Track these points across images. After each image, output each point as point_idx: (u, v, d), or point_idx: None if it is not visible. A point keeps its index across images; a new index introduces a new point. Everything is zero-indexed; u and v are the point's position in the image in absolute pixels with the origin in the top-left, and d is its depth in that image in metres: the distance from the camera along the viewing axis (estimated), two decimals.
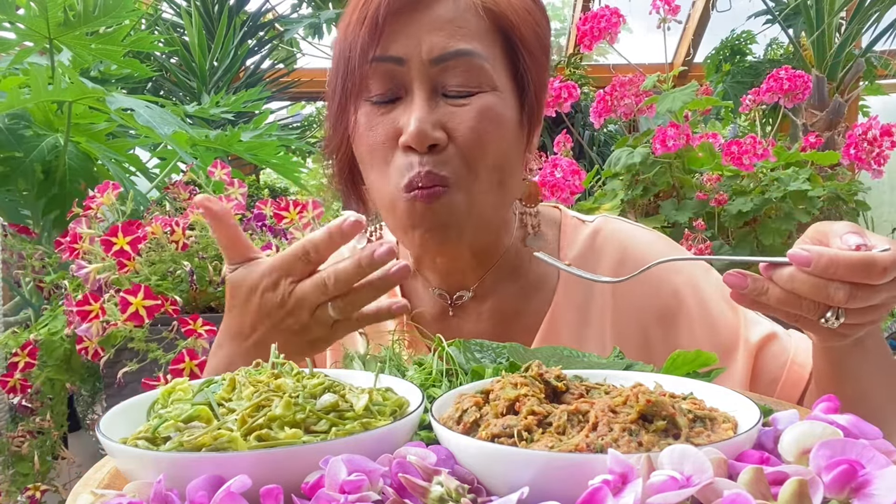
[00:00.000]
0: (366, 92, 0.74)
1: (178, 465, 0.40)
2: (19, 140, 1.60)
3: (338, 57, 0.75)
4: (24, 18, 1.61)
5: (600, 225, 0.88)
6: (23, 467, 1.35)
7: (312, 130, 4.54)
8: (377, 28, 0.71)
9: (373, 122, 0.74)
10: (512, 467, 0.39)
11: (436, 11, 0.72)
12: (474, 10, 0.74)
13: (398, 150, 0.73)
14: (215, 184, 1.57)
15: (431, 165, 0.71)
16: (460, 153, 0.72)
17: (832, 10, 2.65)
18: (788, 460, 0.41)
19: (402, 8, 0.72)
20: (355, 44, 0.72)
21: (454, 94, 0.73)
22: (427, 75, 0.72)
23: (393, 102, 0.74)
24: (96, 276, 1.30)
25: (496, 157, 0.75)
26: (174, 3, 3.67)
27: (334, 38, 0.82)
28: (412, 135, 0.70)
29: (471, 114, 0.73)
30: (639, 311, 0.84)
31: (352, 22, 0.73)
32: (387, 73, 0.73)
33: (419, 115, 0.71)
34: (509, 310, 0.86)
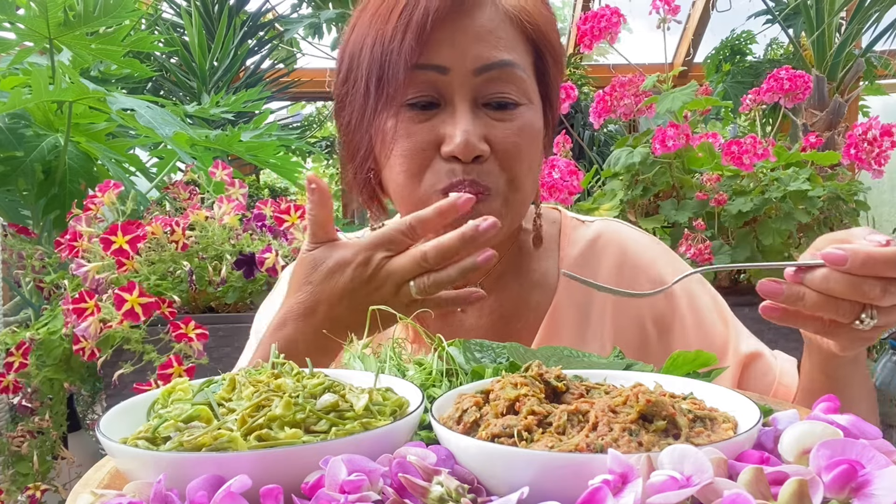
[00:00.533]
0: (402, 97, 0.73)
1: (178, 465, 0.40)
2: (19, 140, 1.60)
3: (368, 62, 0.73)
4: (24, 18, 1.61)
5: (601, 228, 0.90)
6: (23, 467, 1.35)
7: (312, 130, 4.54)
8: (423, 35, 0.70)
9: (411, 129, 0.73)
10: (512, 467, 0.39)
11: (478, 20, 0.72)
12: (510, 19, 0.74)
13: (437, 158, 0.73)
14: (216, 184, 1.57)
15: (475, 175, 0.72)
16: (501, 166, 0.74)
17: (832, 10, 2.65)
18: (788, 460, 0.41)
19: (447, 15, 0.71)
20: (397, 49, 0.70)
21: (494, 104, 0.73)
22: (470, 85, 0.72)
23: (431, 109, 0.73)
24: (95, 275, 1.30)
25: (530, 169, 0.77)
26: (174, 3, 3.67)
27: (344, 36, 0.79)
28: (459, 146, 0.70)
29: (512, 129, 0.73)
30: (637, 313, 0.85)
31: (388, 28, 0.71)
32: (428, 81, 0.72)
33: (466, 127, 0.71)
34: (511, 306, 0.86)
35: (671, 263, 0.89)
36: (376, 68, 0.72)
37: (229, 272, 1.36)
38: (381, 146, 0.75)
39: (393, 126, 0.73)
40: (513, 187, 0.75)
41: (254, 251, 1.40)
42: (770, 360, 0.84)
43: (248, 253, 1.39)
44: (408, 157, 0.74)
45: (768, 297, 0.60)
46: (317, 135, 4.52)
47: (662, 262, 0.88)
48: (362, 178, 0.80)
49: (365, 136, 0.77)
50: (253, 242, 1.44)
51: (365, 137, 0.77)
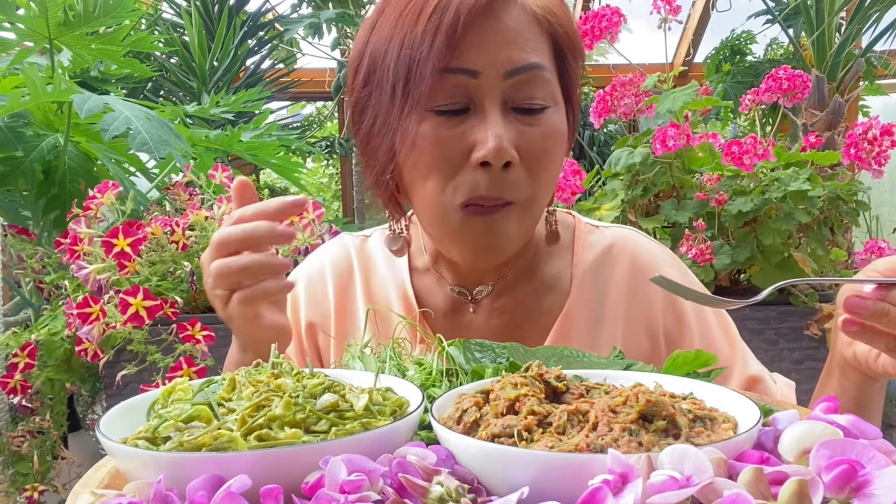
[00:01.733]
0: (431, 102, 0.71)
1: (178, 465, 0.40)
2: (19, 140, 1.60)
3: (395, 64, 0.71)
4: (24, 18, 1.61)
5: (616, 235, 0.90)
6: (23, 467, 1.35)
7: (312, 130, 4.54)
8: (454, 38, 0.68)
9: (441, 134, 0.71)
10: (512, 467, 0.39)
11: (505, 22, 0.71)
12: (536, 20, 0.73)
13: (465, 167, 0.72)
14: (216, 186, 1.57)
15: (499, 187, 0.71)
16: (527, 172, 0.73)
17: (832, 10, 2.65)
18: (788, 460, 0.41)
19: (477, 17, 0.69)
20: (427, 52, 0.69)
21: (524, 108, 0.72)
22: (500, 88, 0.71)
23: (461, 115, 0.72)
24: (96, 277, 1.30)
25: (554, 174, 0.77)
26: (174, 3, 3.67)
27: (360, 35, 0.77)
28: (492, 151, 0.69)
29: (540, 134, 0.73)
30: (648, 324, 0.86)
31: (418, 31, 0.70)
32: (458, 85, 0.71)
33: (498, 132, 0.69)
34: (523, 308, 0.86)
35: (681, 271, 0.89)
36: (403, 72, 0.70)
37: None
38: (406, 152, 0.73)
39: (421, 132, 0.71)
40: (535, 196, 0.75)
41: None
42: (770, 386, 0.85)
43: None
44: (435, 167, 0.72)
45: (852, 311, 0.61)
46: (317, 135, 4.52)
47: (673, 270, 0.88)
48: (383, 184, 0.79)
49: (387, 140, 0.75)
50: None
51: (387, 141, 0.75)
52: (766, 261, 1.59)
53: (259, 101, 2.29)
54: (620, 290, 0.86)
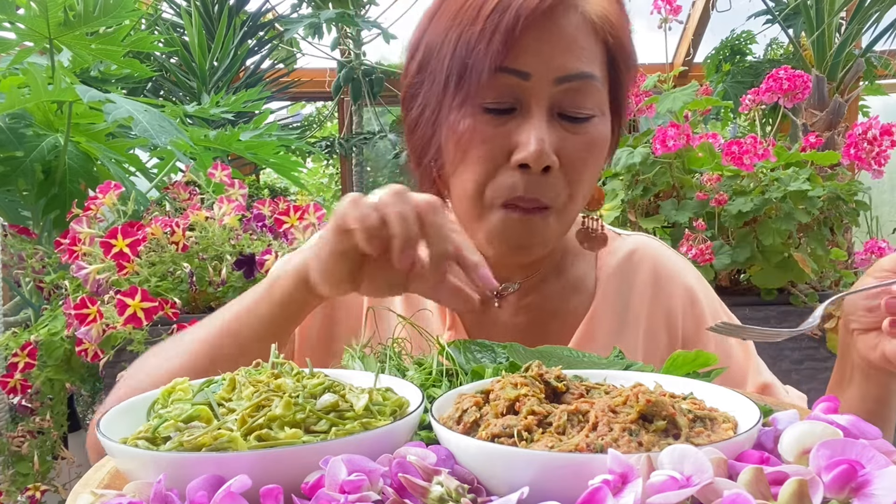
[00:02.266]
0: (481, 98, 0.72)
1: (178, 465, 0.40)
2: (19, 140, 1.60)
3: (451, 58, 0.72)
4: (24, 18, 1.61)
5: (637, 243, 0.92)
6: (23, 467, 1.35)
7: (312, 130, 4.54)
8: (511, 39, 0.69)
9: (486, 132, 0.72)
10: (512, 467, 0.39)
11: (564, 28, 0.72)
12: (593, 30, 0.74)
13: (505, 167, 0.72)
14: (215, 185, 1.57)
15: (538, 190, 0.72)
16: (565, 179, 0.73)
17: (832, 10, 2.65)
18: (788, 460, 0.41)
19: (536, 21, 0.70)
20: (483, 50, 0.70)
21: (570, 115, 0.73)
22: (548, 93, 0.72)
23: (507, 114, 0.72)
24: (96, 277, 1.30)
25: (592, 181, 0.78)
26: (174, 3, 3.67)
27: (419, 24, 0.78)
28: (533, 154, 0.70)
29: (583, 143, 0.73)
30: (668, 328, 0.88)
31: (476, 29, 0.70)
32: (508, 85, 0.71)
33: (541, 136, 0.70)
34: (549, 307, 0.87)
35: (700, 281, 0.92)
36: (458, 66, 0.71)
37: (229, 273, 1.36)
38: (451, 145, 0.74)
39: (468, 126, 0.72)
40: (570, 202, 0.75)
41: (254, 252, 1.40)
42: (782, 395, 0.87)
43: (247, 253, 1.39)
44: (478, 163, 0.73)
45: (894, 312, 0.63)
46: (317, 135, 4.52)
47: (691, 275, 0.91)
48: (428, 174, 0.80)
49: (436, 131, 0.76)
50: (253, 243, 1.44)
51: (435, 132, 0.76)
52: (766, 261, 1.59)
53: (259, 101, 2.29)
54: (643, 294, 0.88)
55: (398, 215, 0.58)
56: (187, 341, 0.76)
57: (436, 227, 0.59)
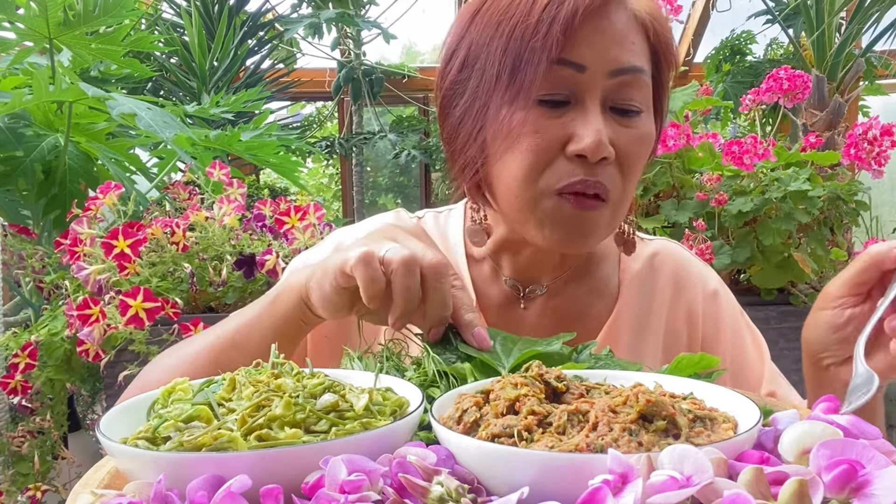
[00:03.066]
0: (535, 91, 0.72)
1: (178, 465, 0.40)
2: (19, 140, 1.60)
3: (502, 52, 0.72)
4: (24, 18, 1.61)
5: (659, 247, 0.93)
6: (23, 467, 1.35)
7: (312, 130, 4.54)
8: (570, 30, 0.70)
9: (540, 124, 0.72)
10: (512, 467, 0.39)
11: (616, 23, 0.72)
12: (641, 27, 0.75)
13: (560, 157, 0.72)
14: (214, 184, 1.57)
15: (599, 177, 0.72)
16: (620, 171, 0.74)
17: (832, 10, 2.65)
18: (788, 460, 0.41)
19: (591, 14, 0.71)
20: (541, 41, 0.70)
21: (621, 108, 0.74)
22: (602, 86, 0.72)
23: (562, 107, 0.73)
24: (96, 278, 1.30)
25: (639, 176, 0.78)
26: (174, 3, 3.67)
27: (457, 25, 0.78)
28: (591, 145, 0.70)
29: (635, 136, 0.74)
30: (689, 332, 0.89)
31: (532, 21, 0.71)
32: (564, 78, 0.72)
33: (598, 127, 0.71)
34: (574, 310, 0.87)
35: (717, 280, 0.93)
36: (512, 58, 0.71)
37: (229, 273, 1.36)
38: (502, 139, 0.74)
39: (521, 120, 0.72)
40: (625, 196, 0.76)
41: (254, 252, 1.40)
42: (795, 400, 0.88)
43: (248, 253, 1.39)
44: (533, 153, 0.73)
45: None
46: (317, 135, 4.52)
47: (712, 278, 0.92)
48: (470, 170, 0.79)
49: (481, 127, 0.75)
50: (253, 243, 1.44)
51: (481, 128, 0.76)
52: (766, 261, 1.59)
53: (259, 101, 2.29)
54: (664, 297, 0.89)
55: (404, 288, 0.60)
56: (191, 351, 0.76)
57: (439, 293, 0.61)
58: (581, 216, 0.73)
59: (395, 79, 4.07)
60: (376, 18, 3.88)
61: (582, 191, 0.72)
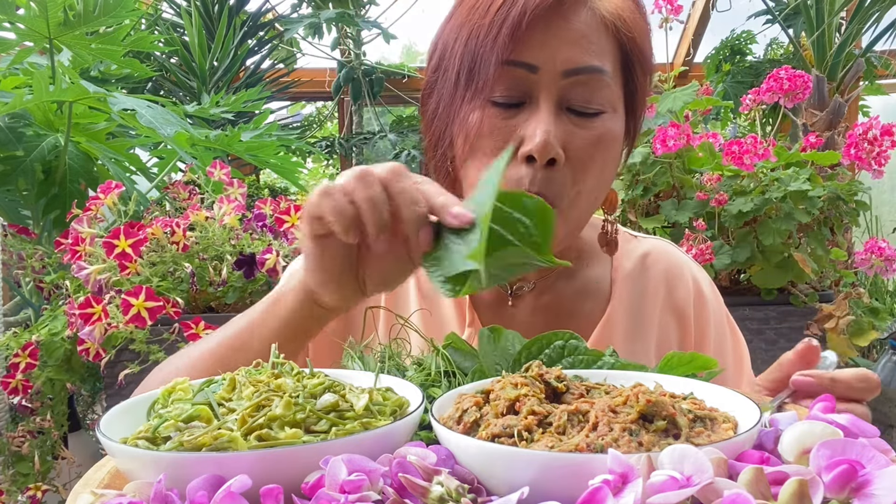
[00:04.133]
0: (489, 91, 0.73)
1: (179, 465, 0.40)
2: (20, 139, 1.60)
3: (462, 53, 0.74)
4: (24, 18, 1.61)
5: (651, 246, 0.92)
6: (23, 467, 1.35)
7: (312, 130, 4.54)
8: (518, 32, 0.70)
9: (494, 125, 0.73)
10: (512, 467, 0.39)
11: (572, 24, 0.72)
12: (604, 27, 0.74)
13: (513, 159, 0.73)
14: (215, 184, 1.57)
15: (541, 185, 0.71)
16: (571, 173, 0.73)
17: (832, 10, 2.65)
18: (788, 460, 0.41)
19: (543, 15, 0.71)
20: (491, 43, 0.71)
21: (578, 109, 0.73)
22: (556, 86, 0.72)
23: (516, 107, 0.73)
24: (97, 277, 1.30)
25: (601, 179, 0.77)
26: (174, 3, 3.67)
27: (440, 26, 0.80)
28: (538, 145, 0.70)
29: (591, 138, 0.73)
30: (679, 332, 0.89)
31: (485, 22, 0.72)
32: (516, 78, 0.72)
33: (547, 128, 0.70)
34: (565, 309, 0.88)
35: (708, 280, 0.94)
36: (468, 60, 0.73)
37: (230, 272, 1.37)
38: (463, 138, 0.75)
39: (477, 120, 0.73)
40: (577, 199, 0.75)
41: (254, 251, 1.40)
42: None
43: (248, 253, 1.39)
44: (485, 156, 0.74)
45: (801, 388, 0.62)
46: (317, 135, 4.52)
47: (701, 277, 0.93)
48: (443, 168, 0.81)
49: (448, 126, 0.77)
50: (253, 243, 1.44)
51: (448, 127, 0.77)
52: (766, 261, 1.59)
53: (259, 101, 2.29)
54: (656, 296, 0.89)
55: (367, 199, 0.56)
56: (195, 355, 0.75)
57: (403, 192, 0.57)
58: None
59: (395, 79, 4.06)
60: (376, 18, 3.88)
61: None
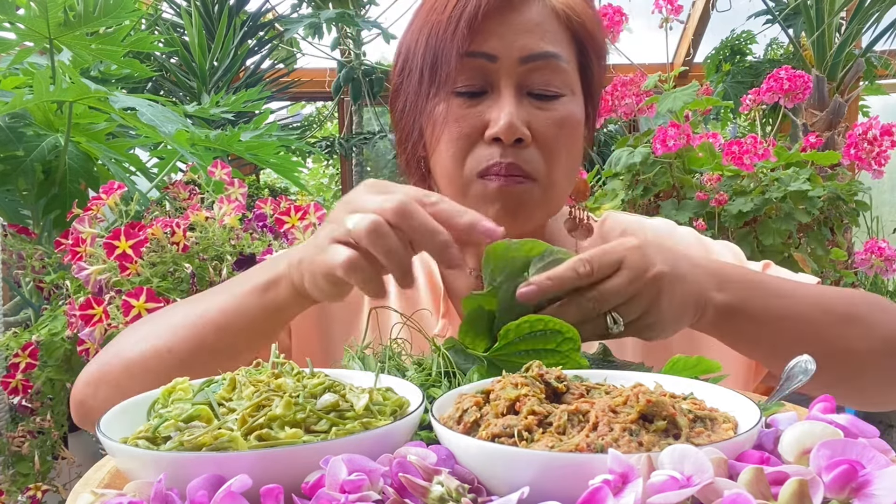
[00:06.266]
0: (452, 84, 0.77)
1: (179, 465, 0.40)
2: (20, 139, 1.60)
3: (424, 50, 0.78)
4: (24, 18, 1.61)
5: (605, 216, 0.96)
6: (23, 467, 1.35)
7: (312, 130, 4.54)
8: (475, 24, 0.75)
9: (459, 113, 0.77)
10: (512, 467, 0.39)
11: (525, 15, 0.77)
12: (556, 17, 0.79)
13: (480, 143, 0.77)
14: (215, 183, 1.57)
15: (514, 158, 0.76)
16: (541, 153, 0.78)
17: (832, 10, 2.65)
18: (789, 460, 0.41)
19: (497, 8, 0.76)
20: (450, 37, 0.76)
21: (538, 93, 0.78)
22: (516, 73, 0.77)
23: (479, 96, 0.78)
24: (97, 277, 1.30)
25: (569, 158, 0.81)
26: (174, 3, 3.67)
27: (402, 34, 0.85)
28: (503, 128, 0.74)
29: (554, 118, 0.78)
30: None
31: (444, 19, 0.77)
32: (477, 69, 0.77)
33: (510, 111, 0.75)
34: None
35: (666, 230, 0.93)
36: (430, 56, 0.78)
37: (230, 273, 1.37)
38: (430, 131, 0.80)
39: (443, 111, 0.78)
40: (553, 179, 0.79)
41: (254, 252, 1.40)
42: None
43: (248, 253, 1.39)
44: (454, 141, 0.78)
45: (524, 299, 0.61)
46: (317, 135, 4.52)
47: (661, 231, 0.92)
48: (414, 163, 0.85)
49: (416, 122, 0.82)
50: (253, 243, 1.44)
51: (416, 123, 0.82)
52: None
53: (259, 101, 2.29)
54: None
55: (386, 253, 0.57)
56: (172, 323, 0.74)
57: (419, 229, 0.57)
58: (506, 191, 0.77)
59: None
60: (376, 18, 3.89)
61: (498, 172, 0.76)
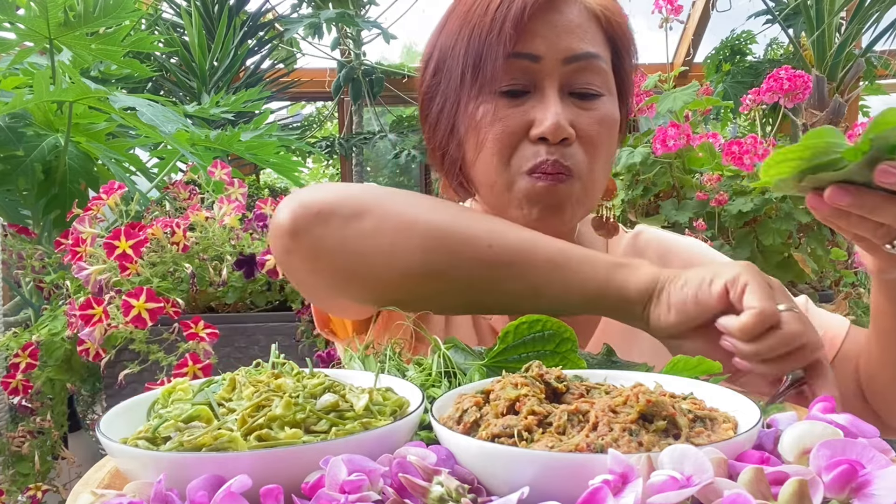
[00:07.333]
0: (496, 83, 0.78)
1: (179, 465, 0.40)
2: (20, 139, 1.60)
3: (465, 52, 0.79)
4: (24, 18, 1.61)
5: (639, 229, 0.96)
6: (23, 467, 1.35)
7: (312, 130, 4.54)
8: (521, 25, 0.76)
9: (502, 113, 0.78)
10: (512, 467, 0.39)
11: (567, 16, 0.79)
12: (594, 17, 0.81)
13: (525, 141, 0.78)
14: (215, 183, 1.57)
15: (559, 156, 0.77)
16: (583, 150, 0.79)
17: (832, 10, 2.65)
18: (788, 460, 0.41)
19: (541, 9, 0.78)
20: (496, 38, 0.77)
21: (579, 93, 0.79)
22: (559, 73, 0.78)
23: (522, 96, 0.79)
24: (97, 277, 1.30)
25: (607, 157, 0.83)
26: (174, 3, 3.67)
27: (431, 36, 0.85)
28: (550, 127, 0.76)
29: (595, 117, 0.79)
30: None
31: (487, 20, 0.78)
32: (521, 69, 0.78)
33: (556, 111, 0.76)
34: None
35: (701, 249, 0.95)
36: (473, 57, 0.78)
37: (230, 272, 1.37)
38: (472, 132, 0.80)
39: (487, 112, 0.78)
40: (593, 176, 0.81)
41: (254, 252, 1.40)
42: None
43: (248, 254, 1.39)
44: (499, 140, 0.79)
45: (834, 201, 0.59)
46: (317, 135, 4.52)
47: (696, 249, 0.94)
48: (449, 163, 0.85)
49: (454, 125, 0.82)
50: (253, 243, 1.44)
51: (454, 127, 0.82)
52: (766, 261, 1.59)
53: (259, 101, 2.29)
54: None
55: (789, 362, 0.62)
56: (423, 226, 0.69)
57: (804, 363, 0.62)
58: (552, 189, 0.78)
59: (395, 79, 4.07)
60: (376, 18, 3.89)
61: (545, 171, 0.77)
